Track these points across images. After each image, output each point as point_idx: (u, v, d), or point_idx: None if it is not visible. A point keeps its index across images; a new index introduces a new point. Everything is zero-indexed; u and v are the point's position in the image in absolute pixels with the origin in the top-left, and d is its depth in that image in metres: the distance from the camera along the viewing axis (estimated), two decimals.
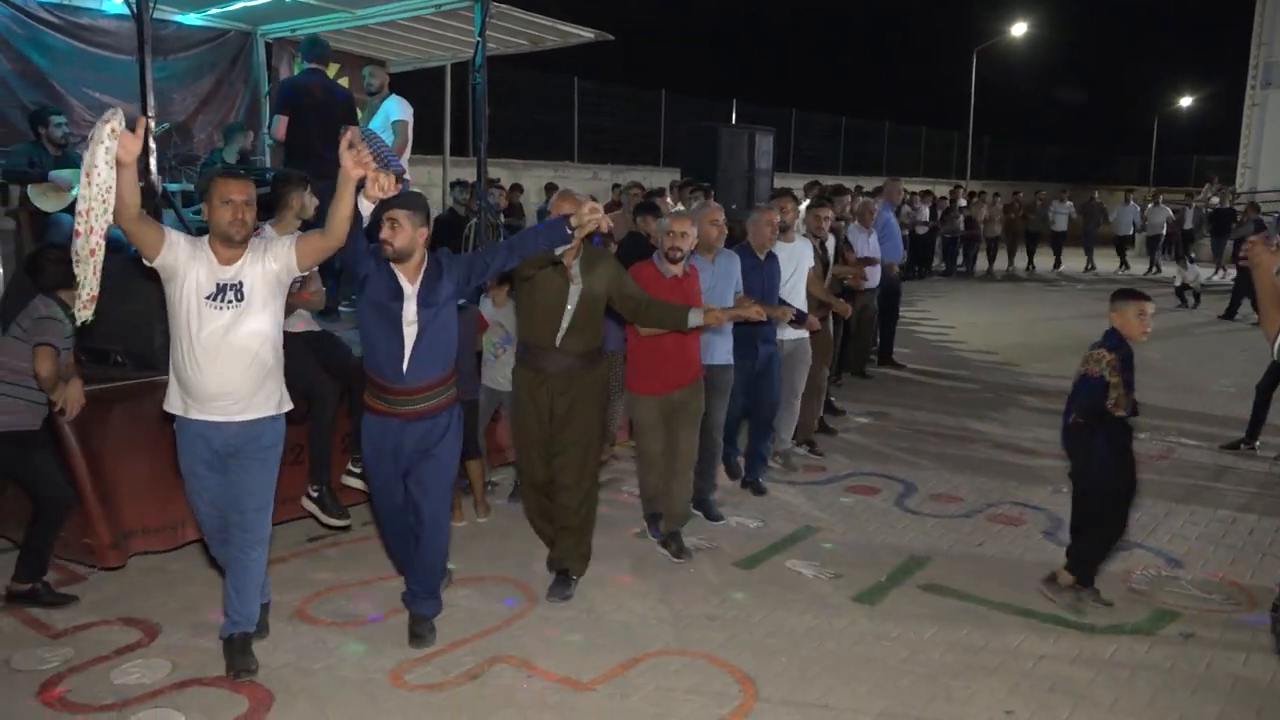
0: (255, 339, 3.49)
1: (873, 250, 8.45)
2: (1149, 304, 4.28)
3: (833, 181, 14.26)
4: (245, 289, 3.46)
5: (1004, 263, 20.67)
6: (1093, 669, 3.83)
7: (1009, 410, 8.26)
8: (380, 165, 6.21)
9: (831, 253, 7.03)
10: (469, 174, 9.89)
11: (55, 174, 6.19)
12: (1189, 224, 21.07)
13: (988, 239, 19.63)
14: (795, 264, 6.04)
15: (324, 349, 4.87)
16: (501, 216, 11.92)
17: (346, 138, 3.37)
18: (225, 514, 3.61)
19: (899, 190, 11.50)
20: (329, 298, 5.46)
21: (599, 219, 3.79)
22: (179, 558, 4.71)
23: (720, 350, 5.26)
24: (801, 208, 7.13)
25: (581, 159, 19.67)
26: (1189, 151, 39.54)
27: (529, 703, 3.53)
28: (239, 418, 3.52)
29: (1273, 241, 3.35)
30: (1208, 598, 4.51)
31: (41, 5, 7.74)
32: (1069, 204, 21.23)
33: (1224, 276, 18.16)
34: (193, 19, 8.57)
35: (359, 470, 4.82)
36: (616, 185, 15.30)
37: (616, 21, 9.49)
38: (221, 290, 3.44)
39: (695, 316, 4.37)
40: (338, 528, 4.93)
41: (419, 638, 3.92)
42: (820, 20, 43.30)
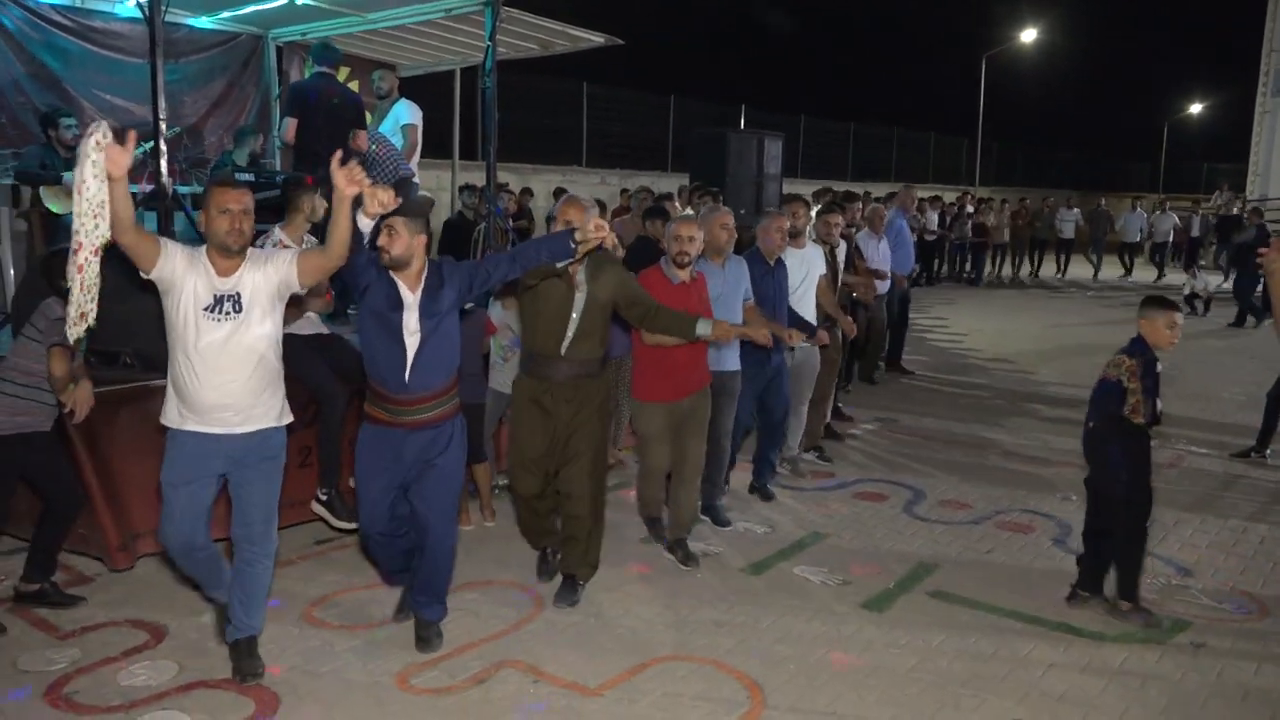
0: (254, 351, 3.44)
1: (883, 257, 8.43)
2: (1179, 314, 4.24)
3: (842, 188, 14.24)
4: (244, 300, 3.41)
5: (1007, 269, 20.59)
6: (1103, 678, 3.81)
7: (1018, 417, 8.23)
8: (389, 170, 6.30)
9: (842, 260, 6.99)
10: (478, 178, 9.89)
11: (69, 175, 6.21)
12: (1196, 231, 20.98)
13: (995, 246, 19.58)
14: (806, 271, 5.96)
15: (333, 352, 4.86)
16: (510, 221, 11.93)
17: (337, 156, 3.34)
18: (191, 535, 3.54)
19: (913, 198, 11.44)
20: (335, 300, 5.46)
21: (604, 236, 3.72)
22: None
23: (728, 357, 5.20)
24: (811, 214, 7.11)
25: (590, 164, 19.66)
26: (1199, 159, 39.39)
27: (536, 707, 3.52)
28: (239, 430, 3.47)
29: None
30: (1218, 607, 4.49)
31: (54, 8, 7.80)
32: (1076, 211, 21.11)
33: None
34: (204, 22, 8.62)
35: (326, 498, 4.77)
36: (625, 190, 15.28)
37: (625, 26, 9.50)
38: (219, 301, 3.38)
39: (704, 327, 4.31)
40: (347, 531, 4.92)
41: (425, 641, 3.91)
42: (829, 26, 43.35)
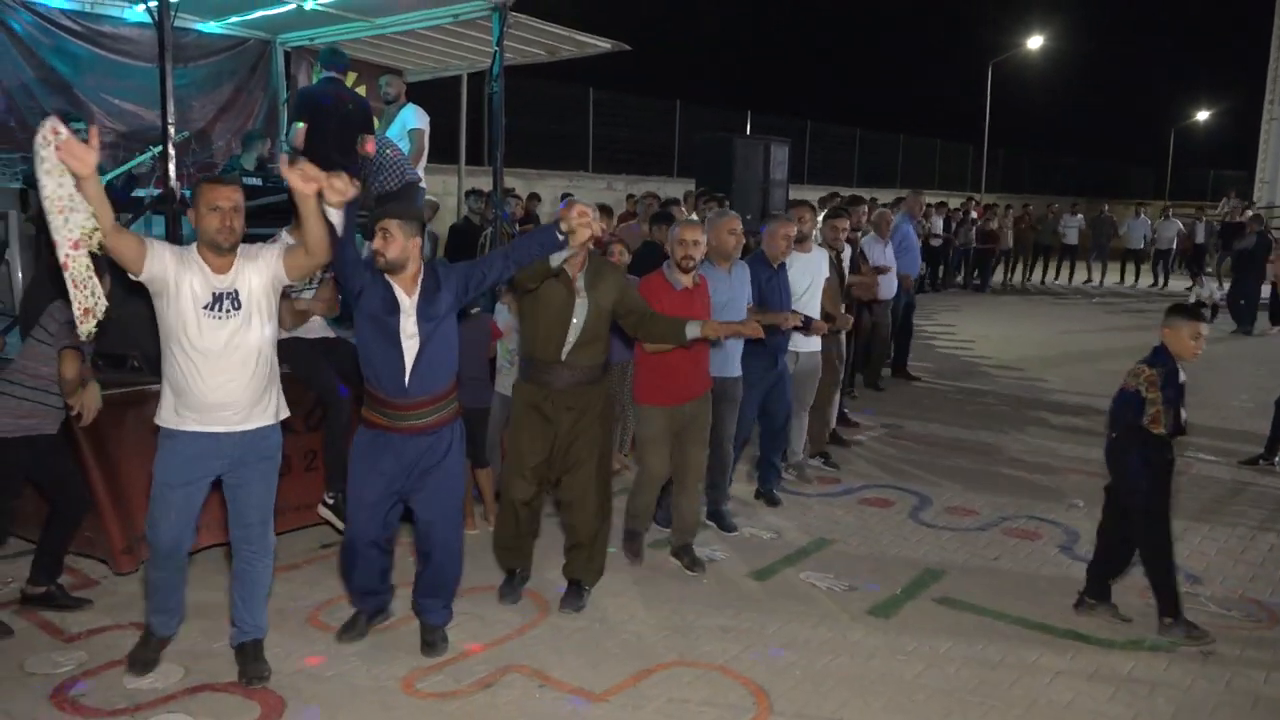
0: (255, 347, 3.45)
1: (888, 262, 8.42)
2: (1205, 325, 4.18)
3: (847, 193, 14.23)
4: (242, 297, 3.41)
5: (1017, 275, 20.57)
6: (1110, 685, 3.79)
7: (1024, 423, 8.21)
8: (396, 175, 6.31)
9: (848, 265, 6.99)
10: (484, 183, 9.92)
11: None
12: (1200, 238, 20.91)
13: (1001, 252, 19.55)
14: (811, 276, 5.93)
15: (339, 355, 4.85)
16: (517, 226, 11.93)
17: (285, 158, 3.33)
18: (181, 537, 3.55)
19: (920, 203, 11.42)
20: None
21: (588, 221, 3.71)
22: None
23: (730, 362, 5.18)
24: (817, 219, 7.11)
25: (596, 169, 19.66)
26: (1205, 165, 39.35)
27: (541, 713, 3.51)
28: (239, 428, 3.47)
29: None
30: (1227, 614, 4.46)
31: (64, 13, 7.82)
32: (1079, 217, 21.05)
33: None
34: (213, 27, 8.64)
35: (332, 501, 4.73)
36: (631, 195, 15.30)
37: (631, 32, 9.50)
38: (218, 299, 3.38)
39: (693, 329, 4.24)
40: None
41: (431, 646, 3.90)
42: (835, 32, 43.45)
